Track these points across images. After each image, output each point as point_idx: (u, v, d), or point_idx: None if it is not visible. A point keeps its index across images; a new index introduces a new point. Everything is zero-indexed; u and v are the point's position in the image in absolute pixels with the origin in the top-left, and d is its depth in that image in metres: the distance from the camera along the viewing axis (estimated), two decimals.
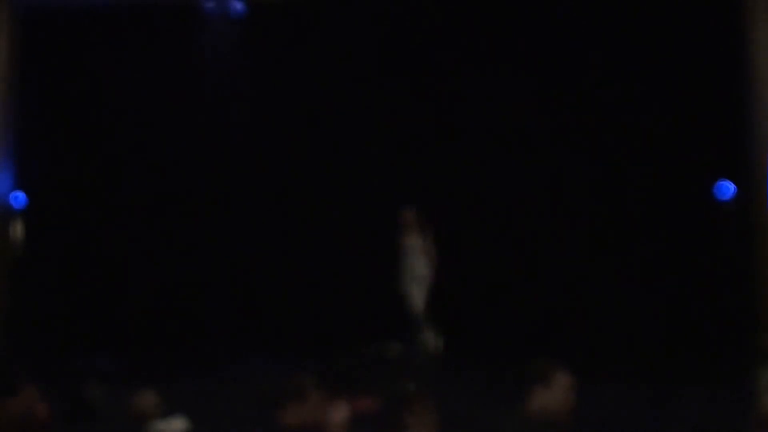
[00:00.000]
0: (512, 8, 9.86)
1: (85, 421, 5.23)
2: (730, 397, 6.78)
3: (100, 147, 10.64)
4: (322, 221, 10.15)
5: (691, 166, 9.45)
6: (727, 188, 8.54)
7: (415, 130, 10.14)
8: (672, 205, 9.48)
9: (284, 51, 10.33)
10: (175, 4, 10.37)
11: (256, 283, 10.11)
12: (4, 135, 9.83)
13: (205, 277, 10.25)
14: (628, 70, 9.67)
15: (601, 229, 9.67)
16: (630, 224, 9.66)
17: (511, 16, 9.89)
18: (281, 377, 4.22)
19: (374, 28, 9.99)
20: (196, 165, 10.42)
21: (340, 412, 4.33)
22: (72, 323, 9.55)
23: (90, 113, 10.71)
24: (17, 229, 9.56)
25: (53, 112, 10.57)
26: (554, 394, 4.49)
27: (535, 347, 8.33)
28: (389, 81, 10.11)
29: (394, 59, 10.08)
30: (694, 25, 9.43)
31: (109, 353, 9.23)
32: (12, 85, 9.91)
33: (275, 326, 9.77)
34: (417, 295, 9.29)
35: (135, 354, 9.41)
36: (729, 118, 9.21)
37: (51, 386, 6.36)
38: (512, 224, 9.84)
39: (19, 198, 9.66)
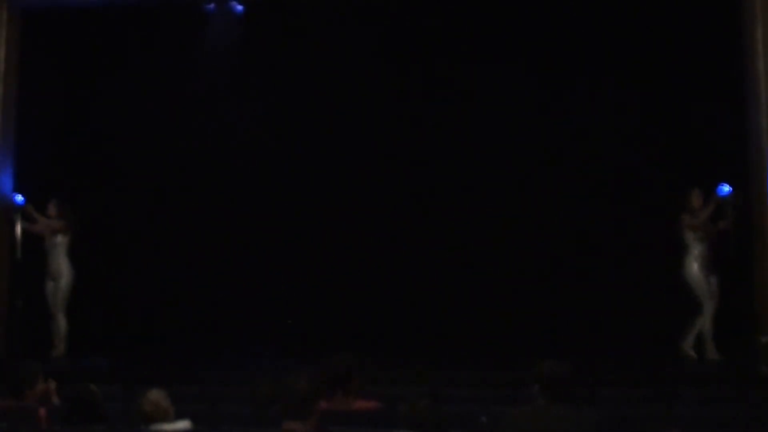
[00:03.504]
0: (512, 7, 9.86)
1: (86, 421, 5.22)
2: (729, 397, 6.79)
3: (99, 147, 10.64)
4: (322, 221, 10.16)
5: (691, 166, 9.44)
6: (722, 188, 8.55)
7: (417, 126, 10.14)
8: (671, 205, 9.47)
9: (285, 51, 10.33)
10: (176, 4, 10.37)
11: (256, 282, 10.11)
12: (4, 135, 9.83)
13: (205, 276, 10.25)
14: (627, 69, 9.67)
15: (600, 229, 9.67)
16: (629, 224, 9.66)
17: (510, 14, 9.89)
18: (282, 377, 4.22)
19: (375, 26, 9.99)
20: (196, 165, 10.43)
21: None
22: (72, 323, 9.54)
23: (90, 113, 10.72)
24: (18, 229, 9.56)
25: (53, 112, 10.56)
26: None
27: (534, 347, 8.35)
28: (390, 79, 10.11)
29: (394, 59, 10.08)
30: (694, 25, 9.43)
31: (109, 353, 9.26)
32: (12, 85, 9.90)
33: (276, 326, 9.78)
34: (57, 296, 9.41)
35: (135, 354, 9.43)
36: (729, 118, 9.21)
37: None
38: (513, 224, 9.84)
39: (18, 198, 9.65)
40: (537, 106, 9.87)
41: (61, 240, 9.47)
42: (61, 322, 9.45)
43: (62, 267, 9.48)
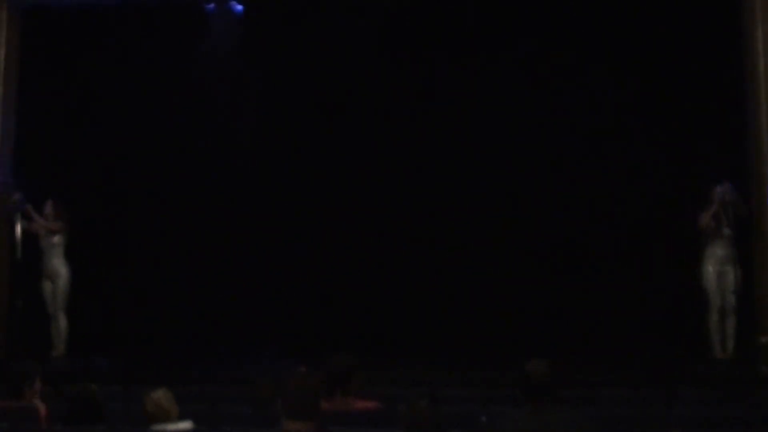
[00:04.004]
0: (512, 7, 9.87)
1: (86, 421, 5.22)
2: (729, 397, 6.79)
3: (99, 147, 10.64)
4: (322, 221, 10.16)
5: (690, 166, 9.45)
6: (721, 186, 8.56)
7: (417, 126, 10.14)
8: (670, 205, 9.48)
9: (285, 51, 10.33)
10: (176, 4, 10.37)
11: (256, 282, 10.11)
12: (4, 134, 9.82)
13: (205, 276, 10.24)
14: (627, 69, 9.67)
15: (599, 229, 9.67)
16: (628, 224, 9.66)
17: (510, 14, 9.90)
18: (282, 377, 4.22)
19: (375, 26, 9.98)
20: (196, 164, 10.43)
21: None
22: (72, 323, 9.55)
23: (90, 113, 10.72)
24: (18, 229, 9.55)
25: (53, 112, 10.56)
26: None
27: (534, 347, 8.35)
28: (391, 79, 10.11)
29: (395, 58, 10.08)
30: (694, 25, 9.44)
31: (109, 353, 9.26)
32: (12, 85, 9.90)
33: (276, 326, 9.77)
34: (56, 296, 9.46)
35: (135, 354, 9.42)
36: (729, 117, 9.21)
37: (51, 386, 6.39)
38: (513, 224, 9.84)
39: (17, 196, 9.63)
40: (536, 105, 9.87)
41: (57, 240, 9.48)
42: (62, 322, 9.46)
43: (59, 267, 9.48)
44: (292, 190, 10.29)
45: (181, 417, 5.09)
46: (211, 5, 10.14)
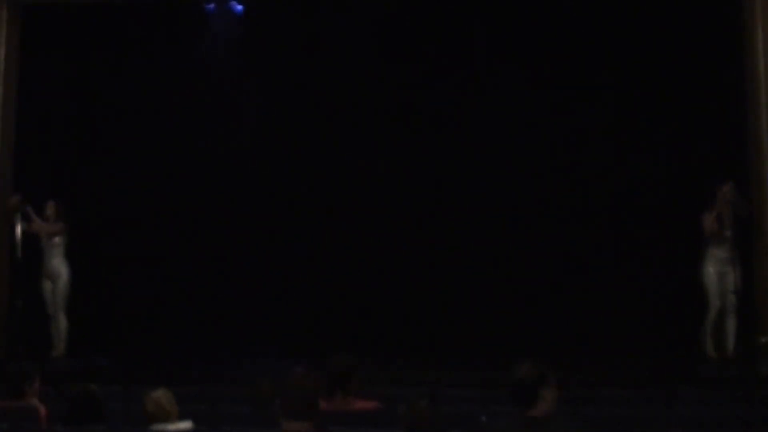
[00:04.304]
0: (513, 9, 9.87)
1: (86, 421, 5.22)
2: (729, 397, 6.79)
3: (100, 147, 10.65)
4: (322, 221, 10.16)
5: (690, 166, 9.45)
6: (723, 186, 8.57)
7: (418, 126, 10.14)
8: (670, 205, 9.48)
9: (285, 51, 10.33)
10: (176, 4, 10.37)
11: (256, 282, 10.11)
12: (3, 134, 9.82)
13: (205, 276, 10.25)
14: (628, 70, 9.67)
15: (600, 229, 9.67)
16: (628, 224, 9.66)
17: (511, 16, 9.90)
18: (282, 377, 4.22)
19: (375, 26, 9.99)
20: (197, 164, 10.43)
21: None
22: (72, 323, 9.55)
23: (90, 113, 10.72)
24: (18, 229, 9.55)
25: (53, 111, 10.57)
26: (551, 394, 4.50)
27: (535, 347, 8.36)
28: (391, 79, 10.12)
29: (395, 58, 10.09)
30: (694, 25, 9.44)
31: (109, 353, 9.26)
32: (12, 85, 9.90)
33: (276, 326, 9.78)
34: (57, 296, 9.46)
35: (135, 354, 9.43)
36: (729, 117, 9.21)
37: (51, 386, 6.39)
38: (513, 225, 9.84)
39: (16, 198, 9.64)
40: (536, 106, 9.87)
41: (58, 240, 9.49)
42: (62, 323, 9.47)
43: (60, 267, 9.49)
44: (292, 190, 10.30)
45: (181, 417, 5.09)
46: (211, 5, 10.15)
